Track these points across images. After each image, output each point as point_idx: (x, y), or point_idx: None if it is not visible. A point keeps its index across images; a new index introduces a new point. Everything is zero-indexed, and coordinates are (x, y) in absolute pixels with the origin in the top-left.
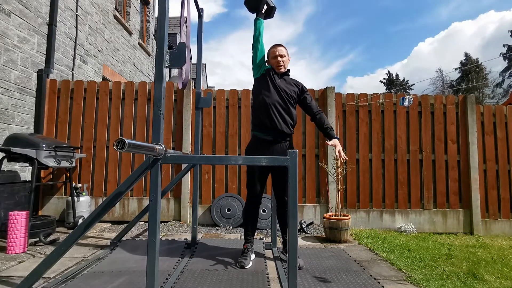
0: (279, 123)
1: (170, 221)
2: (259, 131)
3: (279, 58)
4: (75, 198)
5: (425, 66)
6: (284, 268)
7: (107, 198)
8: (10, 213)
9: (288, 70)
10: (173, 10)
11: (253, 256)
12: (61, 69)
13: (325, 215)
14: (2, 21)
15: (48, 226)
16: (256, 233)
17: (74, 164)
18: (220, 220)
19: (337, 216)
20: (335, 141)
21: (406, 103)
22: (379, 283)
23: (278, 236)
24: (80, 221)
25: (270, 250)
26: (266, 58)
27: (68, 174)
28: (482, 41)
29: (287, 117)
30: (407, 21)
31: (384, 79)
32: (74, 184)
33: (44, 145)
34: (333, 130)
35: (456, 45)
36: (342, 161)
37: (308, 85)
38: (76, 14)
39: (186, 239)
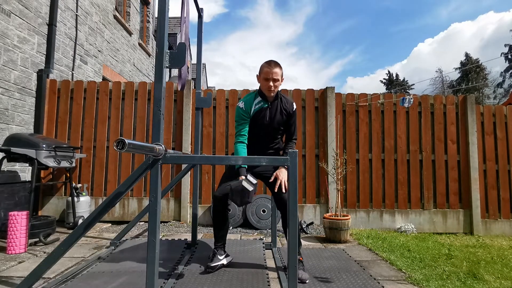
0: (266, 154)
1: (170, 221)
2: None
3: (271, 83)
4: (75, 198)
5: (424, 67)
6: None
7: (107, 198)
8: (10, 213)
9: (278, 92)
10: (173, 10)
11: (223, 259)
12: (61, 69)
13: (325, 215)
14: (2, 21)
15: (48, 226)
16: (256, 233)
17: (74, 164)
18: None
19: (337, 216)
20: (282, 175)
21: (406, 104)
22: (379, 283)
23: (278, 236)
24: (80, 221)
25: (270, 250)
26: (257, 73)
27: (68, 174)
28: (481, 42)
29: (272, 145)
30: (407, 22)
31: (384, 79)
32: (74, 184)
33: (44, 145)
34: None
35: (456, 46)
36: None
37: (308, 85)
38: (76, 14)
39: (186, 239)
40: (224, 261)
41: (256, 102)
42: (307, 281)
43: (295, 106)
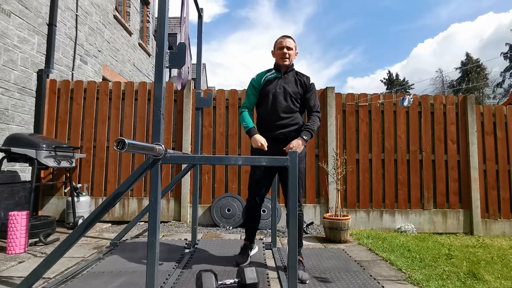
0: (282, 128)
1: (170, 221)
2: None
3: (285, 50)
4: (75, 198)
5: (424, 67)
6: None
7: (107, 198)
8: (10, 213)
9: (292, 65)
10: (173, 10)
11: (253, 251)
12: (61, 69)
13: (325, 215)
14: (2, 21)
15: (48, 226)
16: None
17: (74, 164)
18: (220, 220)
19: (337, 216)
20: (293, 142)
21: (406, 103)
22: (379, 283)
23: (278, 236)
24: (80, 221)
25: (270, 250)
26: (272, 49)
27: (68, 174)
28: (480, 42)
29: (288, 120)
30: (407, 22)
31: (384, 78)
32: (74, 184)
33: (44, 145)
34: (309, 132)
35: (455, 47)
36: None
37: None
38: (76, 14)
39: (186, 239)
40: (252, 253)
41: (268, 74)
42: (307, 282)
43: (311, 80)
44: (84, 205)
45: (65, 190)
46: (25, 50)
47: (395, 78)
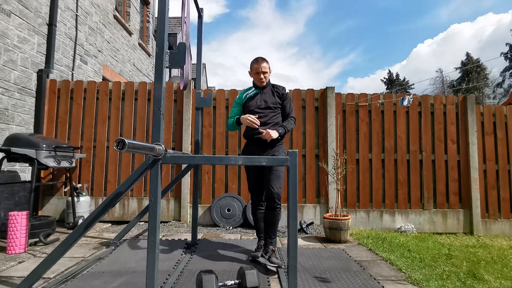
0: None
1: (170, 221)
2: (248, 141)
3: (262, 75)
4: (75, 198)
5: (423, 68)
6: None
7: (107, 198)
8: (10, 213)
9: (269, 81)
10: (173, 10)
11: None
12: (61, 69)
13: (325, 215)
14: (2, 21)
15: (48, 226)
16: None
17: (74, 164)
18: (220, 220)
19: (337, 216)
20: (268, 130)
21: (406, 103)
22: (379, 283)
23: (278, 236)
24: (80, 221)
25: None
26: (249, 70)
27: (68, 174)
28: (479, 43)
29: (271, 125)
30: (407, 22)
31: (384, 78)
32: (74, 184)
33: (44, 145)
34: (283, 128)
35: (455, 47)
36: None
37: (308, 86)
38: (76, 14)
39: (186, 239)
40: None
41: (249, 91)
42: (282, 266)
43: (287, 90)
44: (84, 205)
45: (65, 190)
46: (25, 50)
47: (395, 78)
